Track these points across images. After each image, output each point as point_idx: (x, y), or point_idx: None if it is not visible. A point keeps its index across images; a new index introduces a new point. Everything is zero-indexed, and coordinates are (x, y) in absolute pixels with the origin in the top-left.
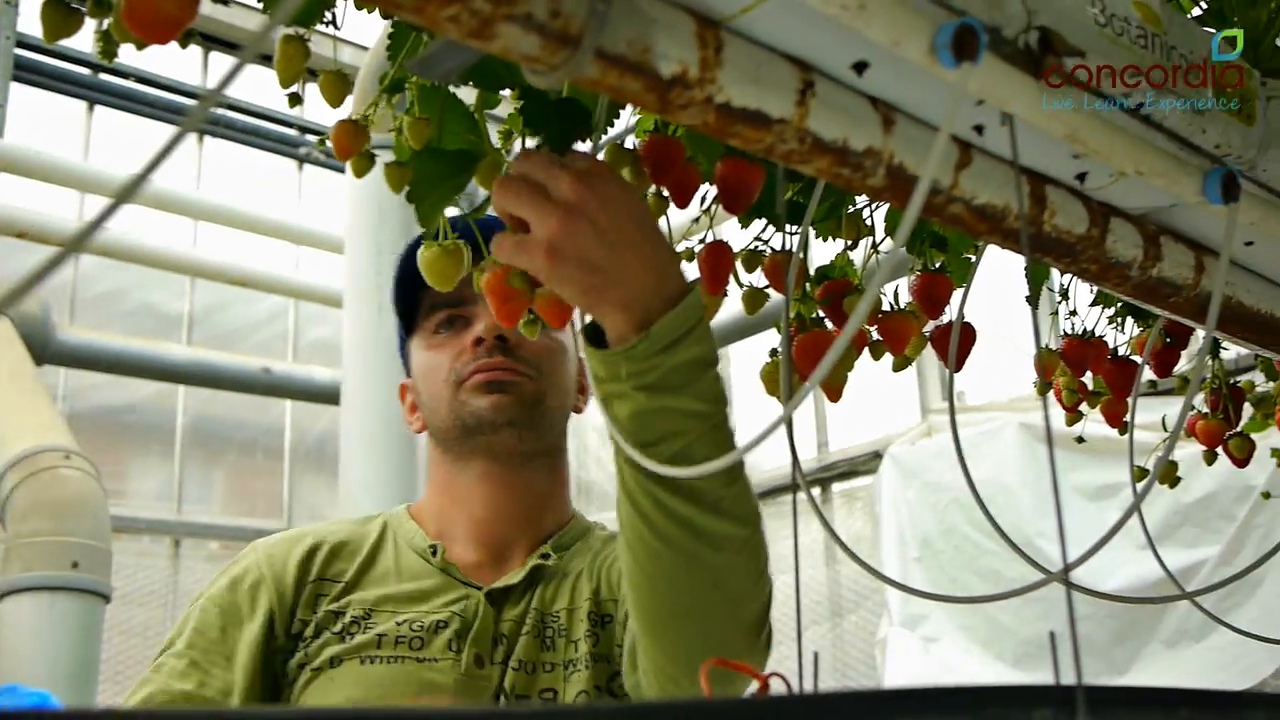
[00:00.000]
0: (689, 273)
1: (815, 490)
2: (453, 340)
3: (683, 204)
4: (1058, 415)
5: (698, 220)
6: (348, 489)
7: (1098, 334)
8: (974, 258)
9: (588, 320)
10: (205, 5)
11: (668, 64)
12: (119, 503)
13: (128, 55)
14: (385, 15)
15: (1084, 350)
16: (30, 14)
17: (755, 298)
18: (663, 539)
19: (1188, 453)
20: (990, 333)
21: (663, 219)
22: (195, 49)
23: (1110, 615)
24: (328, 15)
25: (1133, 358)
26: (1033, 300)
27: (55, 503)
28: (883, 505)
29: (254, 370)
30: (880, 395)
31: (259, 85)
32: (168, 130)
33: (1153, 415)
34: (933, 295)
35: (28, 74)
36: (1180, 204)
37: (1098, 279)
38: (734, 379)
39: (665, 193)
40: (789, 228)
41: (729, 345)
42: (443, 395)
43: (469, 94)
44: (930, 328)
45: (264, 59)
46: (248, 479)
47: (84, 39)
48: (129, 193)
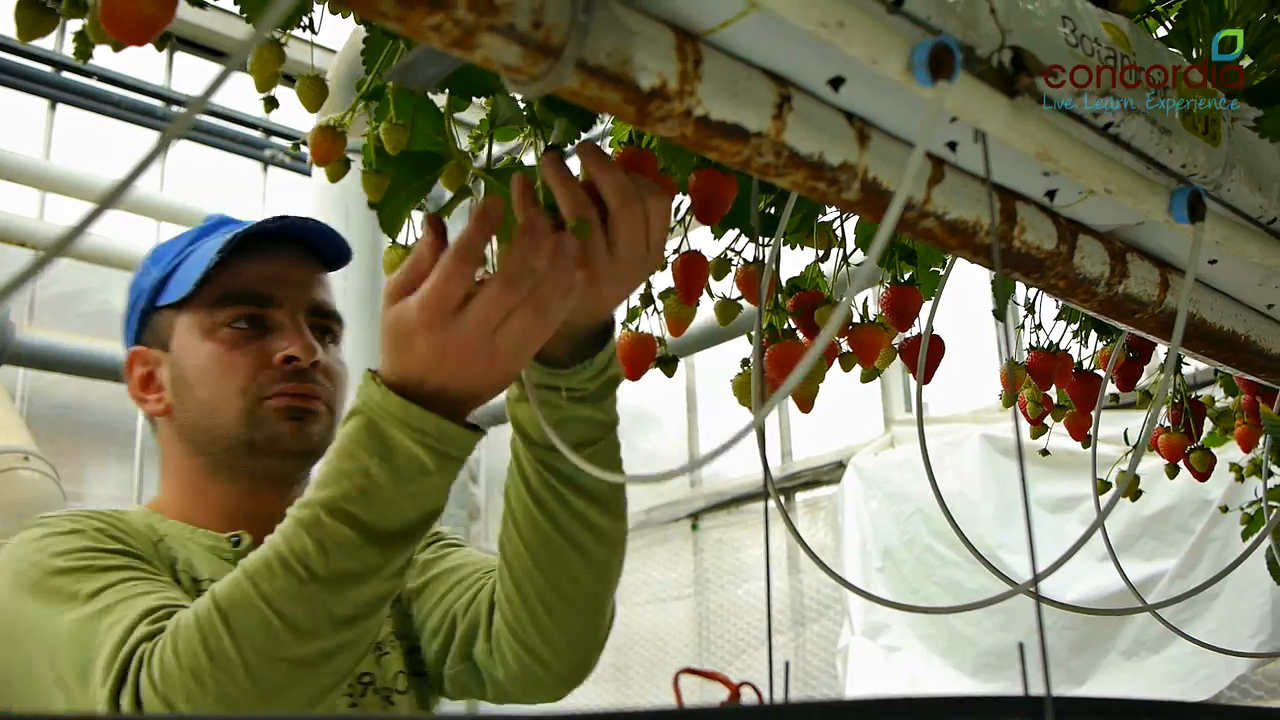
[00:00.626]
0: (664, 281)
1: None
2: (254, 346)
3: None
4: (1022, 428)
5: (671, 230)
6: None
7: (1062, 348)
8: (943, 271)
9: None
10: None
11: (647, 76)
12: (78, 504)
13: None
14: (360, 21)
15: (1049, 364)
16: None
17: (728, 308)
18: (565, 535)
19: (1147, 466)
20: (955, 344)
21: None
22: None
23: (1068, 626)
24: (302, 20)
25: (1096, 372)
26: (999, 314)
27: (13, 504)
28: (845, 515)
29: None
30: (844, 405)
31: (229, 86)
32: (131, 130)
33: (1114, 428)
34: (902, 308)
35: None
36: (1147, 222)
37: (1065, 294)
38: (699, 387)
39: None
40: (761, 239)
41: (695, 354)
42: (233, 403)
43: (440, 96)
44: (899, 340)
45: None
46: None
47: (47, 37)
48: (112, 198)
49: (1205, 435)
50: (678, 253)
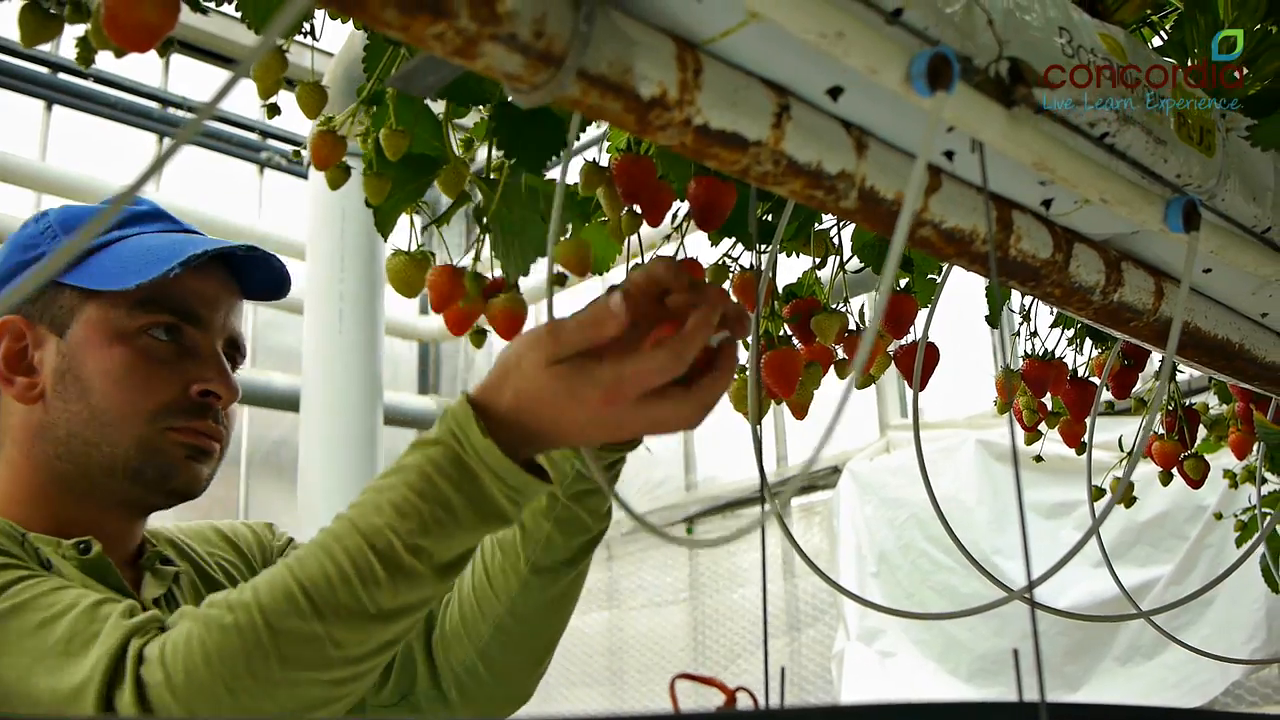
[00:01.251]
0: None
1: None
2: (170, 362)
3: (655, 222)
4: (1017, 434)
5: (669, 237)
6: (307, 496)
7: (1057, 355)
8: (939, 279)
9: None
10: None
11: (648, 85)
12: None
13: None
14: (360, 27)
15: (1044, 371)
16: None
17: None
18: (559, 594)
19: (1142, 472)
20: (950, 350)
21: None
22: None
23: (1062, 632)
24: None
25: (1092, 379)
26: (994, 321)
27: None
28: (841, 520)
29: None
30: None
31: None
32: (128, 132)
33: (1109, 435)
34: (898, 315)
35: None
36: (1142, 231)
37: (1061, 303)
38: None
39: (638, 210)
40: (758, 246)
41: None
42: (132, 424)
43: (439, 103)
44: (894, 347)
45: (231, 63)
46: None
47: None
48: (122, 202)
49: (1199, 442)
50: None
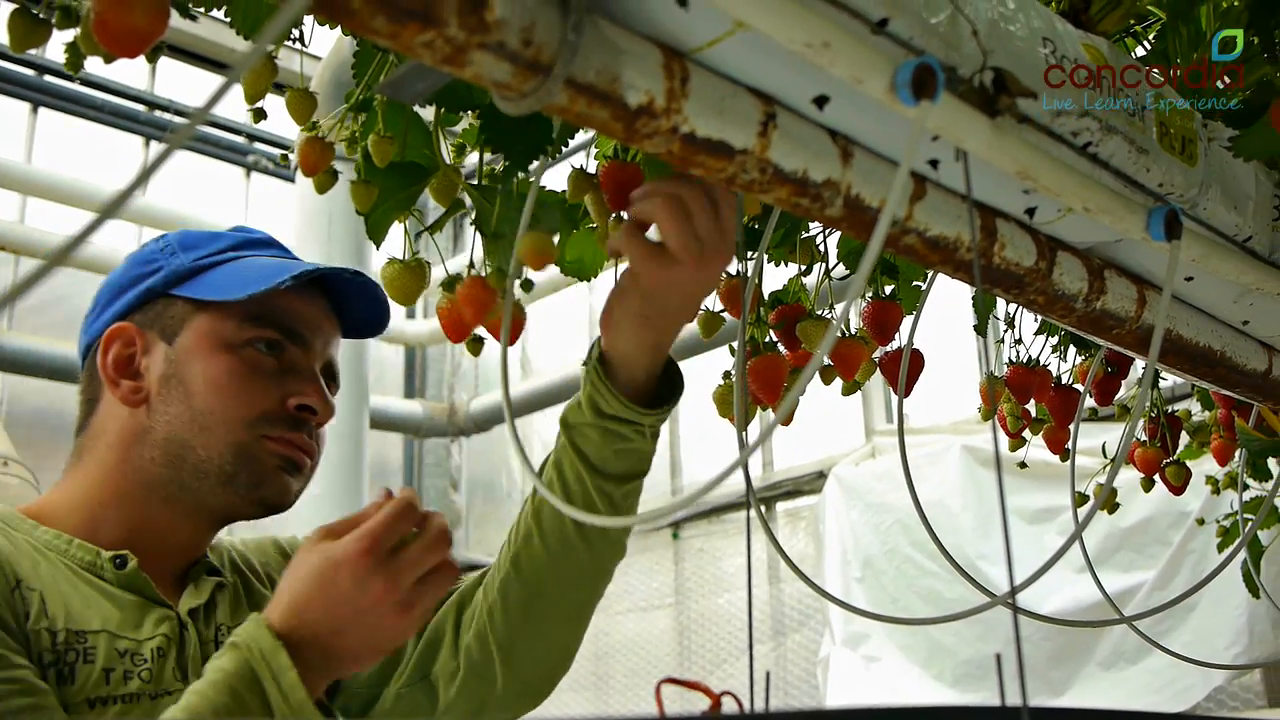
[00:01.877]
0: None
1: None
2: (271, 375)
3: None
4: (1001, 440)
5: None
6: None
7: (1041, 362)
8: (924, 286)
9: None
10: None
11: (635, 94)
12: None
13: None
14: (348, 33)
15: (1028, 378)
16: None
17: (712, 321)
18: (595, 555)
19: (1125, 478)
20: (934, 356)
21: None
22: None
23: (1046, 638)
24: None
25: (1075, 386)
26: (980, 329)
27: None
28: (826, 525)
29: None
30: (825, 416)
31: (208, 92)
32: (114, 135)
33: (1092, 441)
34: (883, 322)
35: None
36: (1124, 239)
37: (1044, 310)
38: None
39: (624, 216)
40: (745, 253)
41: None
42: (232, 429)
43: (428, 109)
44: (880, 353)
45: (219, 67)
46: None
47: None
48: (114, 207)
49: (1181, 449)
50: None
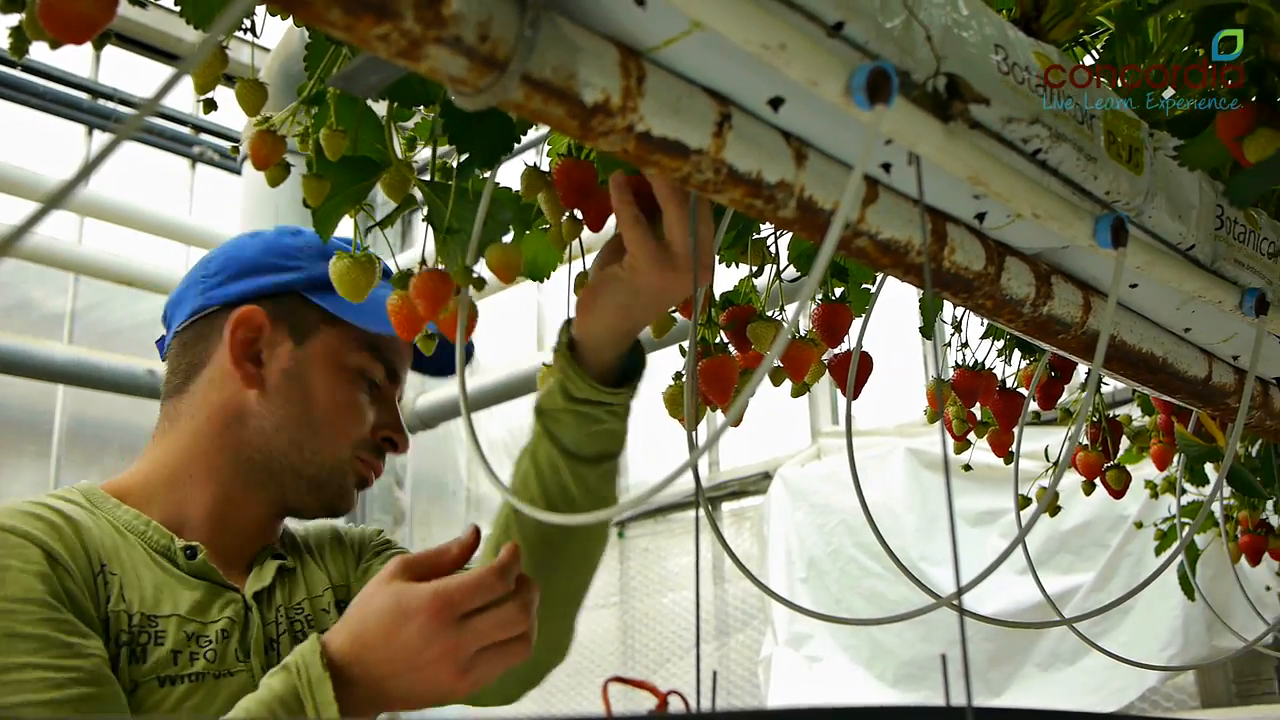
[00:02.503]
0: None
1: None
2: (371, 404)
3: (597, 227)
4: (947, 443)
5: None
6: None
7: (987, 366)
8: (873, 288)
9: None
10: None
11: (591, 91)
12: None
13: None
14: (301, 24)
15: (974, 381)
16: None
17: (663, 321)
18: (578, 540)
19: (1065, 482)
20: (881, 359)
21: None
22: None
23: (986, 639)
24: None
25: (1019, 390)
26: (927, 332)
27: None
28: (771, 526)
29: (139, 372)
30: (771, 417)
31: (154, 82)
32: (56, 123)
33: (1034, 445)
34: (833, 324)
35: None
36: (1072, 246)
37: (992, 314)
38: None
39: (579, 216)
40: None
41: None
42: (337, 442)
43: (381, 103)
44: (829, 355)
45: (165, 57)
46: None
47: None
48: (60, 198)
49: (1121, 453)
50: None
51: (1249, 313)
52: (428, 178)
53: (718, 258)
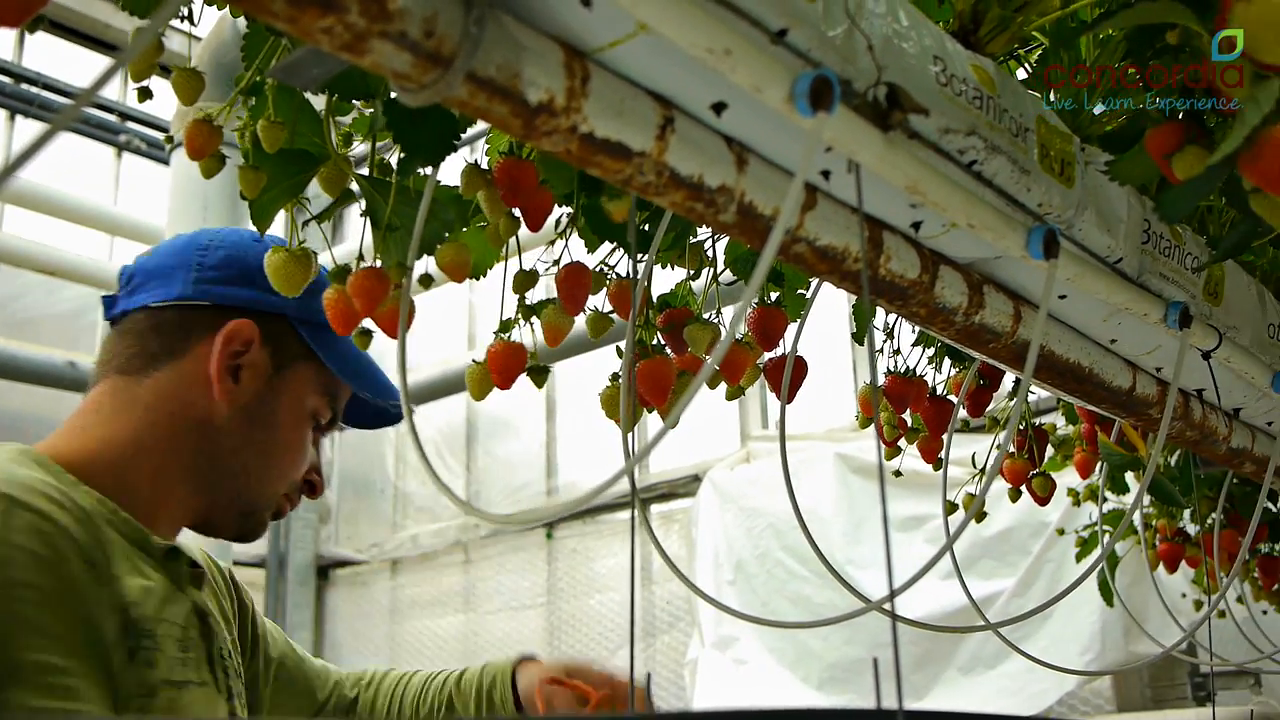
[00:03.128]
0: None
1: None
2: (310, 444)
3: (535, 226)
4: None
5: (552, 243)
6: None
7: (918, 373)
8: (808, 293)
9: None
10: None
11: (535, 91)
12: None
13: None
14: (237, 14)
15: (905, 388)
16: None
17: (600, 322)
18: None
19: (990, 489)
20: (811, 364)
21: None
22: None
23: (911, 642)
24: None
25: (949, 397)
26: (860, 339)
27: None
28: (699, 528)
29: (59, 363)
30: (702, 420)
31: (80, 67)
32: None
33: (963, 451)
34: (768, 328)
35: None
36: (1004, 256)
37: (926, 322)
38: (559, 395)
39: (517, 213)
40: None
41: (559, 362)
42: (278, 476)
43: (320, 98)
44: (764, 359)
45: (99, 45)
46: None
47: None
48: None
49: (1046, 461)
50: (558, 263)
51: (1173, 325)
52: (365, 172)
53: (656, 259)
